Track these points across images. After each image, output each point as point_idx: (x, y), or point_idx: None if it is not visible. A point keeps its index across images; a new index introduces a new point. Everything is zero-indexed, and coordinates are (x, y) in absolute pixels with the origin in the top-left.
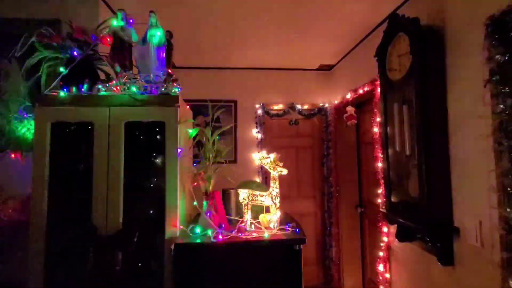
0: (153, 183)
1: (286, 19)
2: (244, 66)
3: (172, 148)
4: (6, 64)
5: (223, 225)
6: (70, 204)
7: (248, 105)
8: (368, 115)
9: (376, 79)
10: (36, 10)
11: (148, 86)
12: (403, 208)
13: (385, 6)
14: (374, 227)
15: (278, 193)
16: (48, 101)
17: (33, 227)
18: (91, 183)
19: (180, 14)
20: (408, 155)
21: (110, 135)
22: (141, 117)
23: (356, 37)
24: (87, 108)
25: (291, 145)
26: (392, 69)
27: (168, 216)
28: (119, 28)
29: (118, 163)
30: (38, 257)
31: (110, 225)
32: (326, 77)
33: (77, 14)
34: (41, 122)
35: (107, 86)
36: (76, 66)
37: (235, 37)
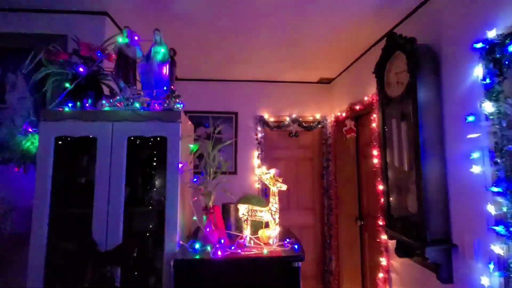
0: (154, 197)
1: (286, 36)
2: (245, 78)
3: (174, 163)
4: (12, 78)
5: (223, 241)
6: (71, 218)
7: (249, 117)
8: (367, 128)
9: (375, 94)
10: (43, 26)
11: (151, 101)
12: (402, 224)
13: (383, 24)
14: (374, 241)
15: (277, 209)
16: (52, 116)
17: (33, 240)
18: (92, 198)
19: (182, 30)
20: (406, 170)
21: (112, 150)
22: (144, 133)
23: (355, 53)
24: (91, 123)
25: (291, 157)
26: (390, 86)
27: (167, 231)
28: (124, 45)
29: (119, 178)
30: (37, 271)
31: (110, 239)
32: (326, 90)
33: (84, 30)
34: (45, 137)
35: (111, 102)
36: (81, 81)
37: (237, 51)
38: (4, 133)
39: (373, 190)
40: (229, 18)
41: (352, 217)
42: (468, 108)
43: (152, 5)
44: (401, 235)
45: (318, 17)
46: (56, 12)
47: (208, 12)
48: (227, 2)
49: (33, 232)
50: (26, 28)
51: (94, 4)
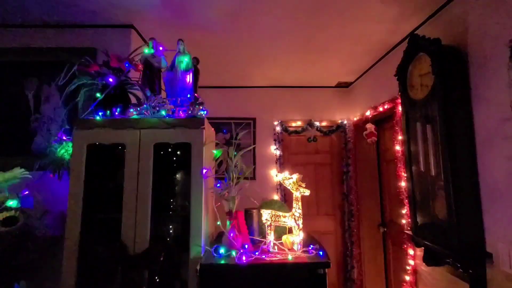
0: (179, 202)
1: (305, 41)
2: (263, 84)
3: (198, 169)
4: (47, 89)
5: (247, 246)
6: (101, 222)
7: (267, 123)
8: (389, 132)
9: (397, 97)
10: (74, 40)
11: (176, 109)
12: (430, 230)
13: (404, 26)
14: (398, 248)
15: (301, 214)
16: (85, 125)
17: (67, 243)
18: (121, 203)
19: (203, 39)
20: (433, 175)
21: (140, 156)
22: (169, 139)
23: (375, 56)
24: (120, 131)
25: (309, 162)
26: (413, 88)
27: (192, 235)
28: (150, 55)
29: (147, 184)
30: (71, 273)
31: (138, 244)
32: (344, 94)
33: (112, 42)
34: (79, 144)
35: (138, 110)
36: (111, 91)
37: (255, 58)
38: (40, 141)
39: (397, 196)
40: (248, 27)
41: (375, 224)
42: (500, 109)
43: (175, 16)
44: (430, 242)
45: (337, 21)
46: (86, 27)
47: (227, 21)
48: (245, 12)
49: (67, 235)
50: (59, 43)
51: (120, 18)
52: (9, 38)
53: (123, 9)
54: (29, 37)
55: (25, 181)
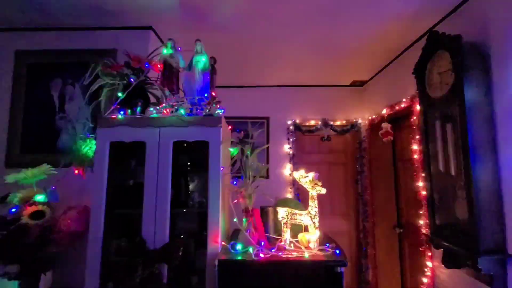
0: (195, 199)
1: (321, 40)
2: (276, 84)
3: (215, 166)
4: (71, 89)
5: (263, 243)
6: (122, 218)
7: (280, 122)
8: (405, 132)
9: (415, 95)
10: (96, 41)
11: (194, 108)
12: (449, 231)
13: (422, 24)
14: (415, 249)
15: (317, 212)
16: (108, 123)
17: (91, 237)
18: (141, 199)
19: (219, 39)
20: (453, 175)
21: (159, 153)
22: (187, 137)
23: (391, 54)
24: (140, 129)
25: (323, 162)
26: (432, 86)
27: (210, 232)
28: (168, 56)
29: (166, 180)
30: (95, 265)
31: (158, 239)
32: (358, 93)
33: (131, 43)
34: (102, 142)
35: (158, 109)
36: (131, 91)
37: (269, 57)
38: (65, 139)
39: (414, 196)
40: (264, 26)
41: (390, 224)
42: None
43: (192, 17)
44: (449, 244)
45: (354, 20)
46: (107, 29)
47: (244, 21)
48: (262, 11)
49: (91, 230)
50: (82, 45)
51: (140, 20)
52: (37, 41)
53: (143, 11)
54: (54, 39)
55: (51, 177)
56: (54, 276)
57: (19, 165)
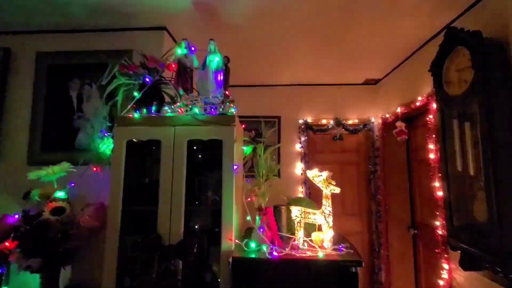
0: (209, 197)
1: (334, 38)
2: (287, 83)
3: (229, 165)
4: (88, 90)
5: (276, 242)
6: (138, 214)
7: (291, 121)
8: (420, 131)
9: (431, 93)
10: (112, 43)
11: (208, 107)
12: (467, 233)
13: (438, 20)
14: (430, 251)
15: (331, 212)
16: (125, 122)
17: (108, 233)
18: (155, 196)
19: (231, 38)
20: (472, 175)
21: (174, 152)
22: (201, 136)
23: (406, 51)
24: (156, 128)
25: (335, 161)
26: (450, 84)
27: (224, 229)
28: (183, 56)
29: (181, 178)
30: (112, 260)
31: (173, 235)
32: (372, 91)
33: (146, 44)
34: (119, 140)
35: (173, 108)
36: (147, 90)
37: (282, 56)
38: (83, 137)
39: (429, 197)
40: (276, 25)
41: (404, 225)
42: None
43: (205, 17)
44: (467, 245)
45: (369, 18)
46: (123, 30)
47: (257, 20)
48: (275, 10)
49: (108, 226)
50: (98, 46)
51: (154, 21)
52: (57, 43)
53: (157, 12)
54: (73, 41)
55: (70, 174)
56: (72, 270)
57: (40, 163)
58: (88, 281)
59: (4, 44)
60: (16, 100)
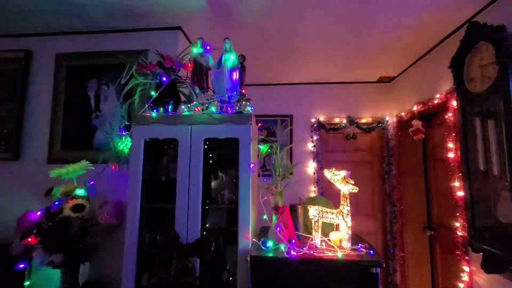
0: (225, 196)
1: (348, 35)
2: (299, 81)
3: (245, 163)
4: (105, 90)
5: (294, 241)
6: (156, 212)
7: (304, 119)
8: (437, 129)
9: (450, 90)
10: (128, 43)
11: (224, 105)
12: (490, 234)
13: (458, 15)
14: (448, 253)
15: (349, 211)
16: (142, 121)
17: (128, 231)
18: (172, 194)
19: (244, 37)
20: (496, 175)
21: (191, 150)
22: (218, 134)
23: (423, 48)
24: (173, 126)
25: (348, 160)
26: (472, 81)
27: (241, 228)
28: (198, 55)
29: (197, 177)
30: (131, 257)
31: (190, 233)
32: (386, 90)
33: (161, 44)
34: (137, 139)
35: (189, 107)
36: (164, 89)
37: (294, 54)
38: (101, 136)
39: (447, 197)
40: (292, 23)
41: (420, 226)
42: None
43: (220, 16)
44: (490, 247)
45: (384, 11)
46: (138, 31)
47: (269, 19)
48: (291, 7)
49: (128, 223)
50: (115, 46)
51: (169, 20)
52: (75, 44)
53: (172, 12)
54: (91, 42)
55: (88, 173)
56: (91, 266)
57: (59, 161)
58: (105, 277)
59: (25, 46)
60: (37, 100)
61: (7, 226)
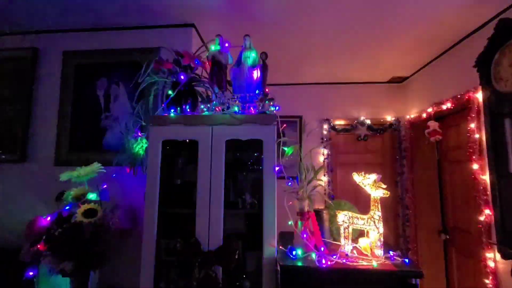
0: (248, 200)
1: (364, 34)
2: (310, 81)
3: (270, 166)
4: (115, 89)
5: (322, 248)
6: (175, 218)
7: (314, 121)
8: (453, 130)
9: (470, 90)
10: (140, 41)
11: (246, 105)
12: None
13: (480, 12)
14: (465, 258)
15: (380, 217)
16: (160, 121)
17: (145, 238)
18: (192, 198)
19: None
20: None
21: (212, 152)
22: (240, 135)
23: (440, 47)
24: (192, 127)
25: (359, 162)
26: (502, 80)
27: (266, 234)
28: (217, 52)
29: (219, 180)
30: (149, 264)
31: (212, 240)
32: (398, 90)
33: (174, 41)
34: (154, 140)
35: (209, 106)
36: (181, 88)
37: (303, 54)
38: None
39: (466, 200)
40: (306, 21)
41: (434, 230)
42: None
43: (235, 14)
44: None
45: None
46: (150, 28)
47: (283, 17)
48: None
49: (145, 230)
50: (126, 44)
51: (183, 17)
52: (83, 42)
53: (186, 8)
54: (100, 40)
55: (100, 175)
56: (101, 273)
57: (67, 162)
58: (117, 285)
59: (32, 44)
60: (44, 100)
61: (14, 230)
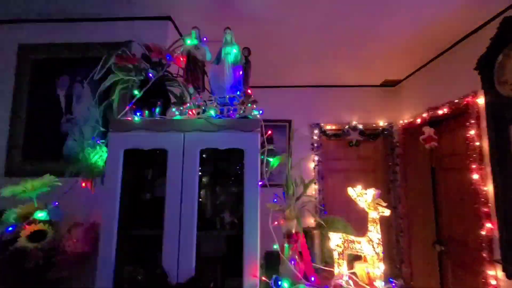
0: (226, 219)
1: (356, 33)
2: (299, 84)
3: (253, 180)
4: (79, 88)
5: (313, 279)
6: (139, 241)
7: (304, 125)
8: (449, 136)
9: (469, 93)
10: (108, 34)
11: (225, 109)
12: None
13: (478, 13)
14: (462, 271)
15: (380, 240)
16: (122, 127)
17: (100, 264)
18: (163, 218)
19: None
20: None
21: (184, 163)
22: (217, 144)
23: (435, 49)
24: (161, 134)
25: (350, 169)
26: (506, 84)
27: (247, 261)
28: (193, 47)
29: (192, 196)
30: None
31: (182, 266)
32: (391, 94)
33: (147, 35)
34: (114, 149)
35: (181, 110)
36: (150, 88)
37: (291, 55)
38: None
39: (462, 210)
40: (293, 17)
41: (428, 241)
42: None
43: (215, 6)
44: None
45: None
46: (121, 20)
47: (271, 11)
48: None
49: (101, 253)
50: (91, 37)
51: (157, 9)
52: (42, 34)
53: None
54: (61, 32)
55: (56, 190)
56: None
57: (20, 174)
58: None
59: None
60: None
61: None
